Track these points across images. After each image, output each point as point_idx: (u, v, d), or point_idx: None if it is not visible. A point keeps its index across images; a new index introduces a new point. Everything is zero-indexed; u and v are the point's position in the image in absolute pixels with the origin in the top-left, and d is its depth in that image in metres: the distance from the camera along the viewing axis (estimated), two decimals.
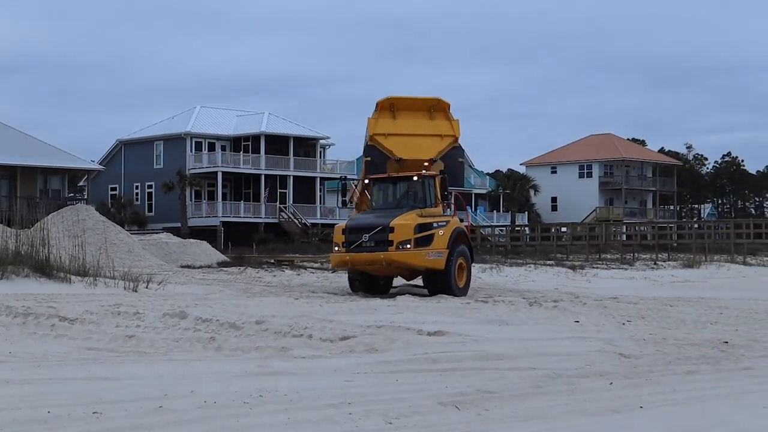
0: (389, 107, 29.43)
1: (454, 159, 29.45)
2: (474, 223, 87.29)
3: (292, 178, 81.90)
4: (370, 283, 28.17)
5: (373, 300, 23.89)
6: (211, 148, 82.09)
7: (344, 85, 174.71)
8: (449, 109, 29.65)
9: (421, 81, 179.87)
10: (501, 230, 78.62)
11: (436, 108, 29.56)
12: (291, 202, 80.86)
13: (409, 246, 25.93)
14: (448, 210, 28.59)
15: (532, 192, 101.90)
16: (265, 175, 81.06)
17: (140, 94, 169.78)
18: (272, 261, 43.46)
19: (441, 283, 26.59)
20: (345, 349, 13.81)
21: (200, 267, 39.00)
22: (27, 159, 66.56)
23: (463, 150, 29.54)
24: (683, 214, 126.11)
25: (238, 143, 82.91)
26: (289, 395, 9.52)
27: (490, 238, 73.07)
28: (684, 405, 10.08)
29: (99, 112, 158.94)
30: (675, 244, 64.62)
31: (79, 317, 16.59)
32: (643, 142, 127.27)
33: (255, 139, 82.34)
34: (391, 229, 26.10)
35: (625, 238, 71.77)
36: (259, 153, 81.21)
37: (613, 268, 44.68)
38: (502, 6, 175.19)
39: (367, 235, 26.38)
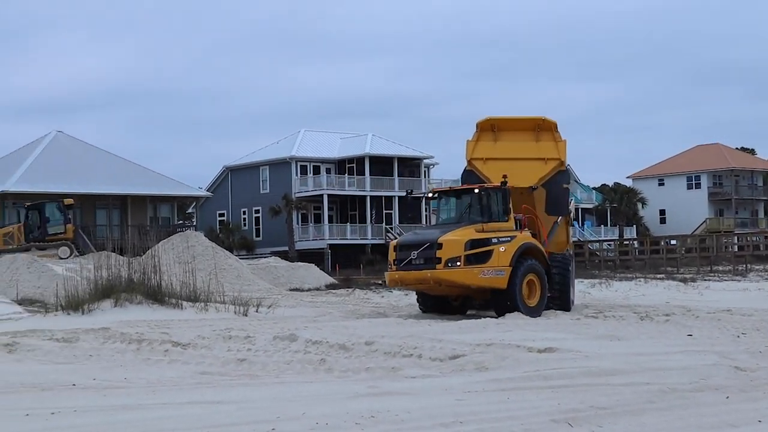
0: (490, 128, 28.06)
1: (558, 185, 27.71)
2: (581, 238, 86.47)
3: (397, 198, 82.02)
4: (442, 304, 26.56)
5: (483, 318, 23.74)
6: (316, 171, 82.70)
7: (446, 104, 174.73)
8: (556, 129, 27.96)
9: (524, 97, 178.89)
10: (609, 245, 77.66)
11: (542, 128, 27.86)
12: (397, 222, 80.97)
13: (459, 263, 24.25)
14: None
15: (639, 205, 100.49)
16: (371, 197, 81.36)
17: (245, 120, 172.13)
18: (380, 282, 43.53)
19: (506, 302, 24.79)
20: (455, 368, 13.76)
21: (309, 290, 39.29)
22: (137, 188, 67.90)
23: (569, 174, 27.73)
24: None
25: (342, 165, 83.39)
26: (401, 415, 9.51)
27: (598, 253, 72.23)
28: None
29: (206, 140, 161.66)
30: None
31: (192, 342, 16.84)
32: (752, 151, 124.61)
33: (359, 160, 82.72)
34: (439, 246, 24.49)
35: (736, 249, 70.27)
36: (363, 174, 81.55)
37: (725, 280, 43.79)
38: (602, 20, 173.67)
39: (416, 252, 24.82)
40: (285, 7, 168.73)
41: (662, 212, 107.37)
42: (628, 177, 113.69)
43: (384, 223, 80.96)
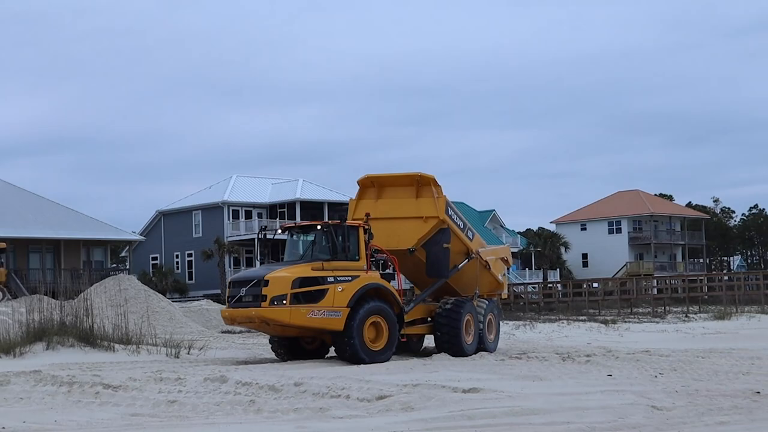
0: (371, 185, 26.11)
1: (438, 245, 25.25)
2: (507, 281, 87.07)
3: None
4: (295, 348, 24.52)
5: (410, 359, 23.76)
6: (248, 215, 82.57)
7: (376, 150, 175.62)
8: (435, 184, 25.45)
9: (452, 144, 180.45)
10: (533, 287, 78.29)
11: (421, 183, 25.41)
12: None
13: (285, 302, 22.35)
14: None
15: (562, 249, 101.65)
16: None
17: (178, 166, 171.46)
18: None
19: (344, 346, 22.86)
20: (382, 408, 13.77)
21: (240, 332, 38.99)
22: (70, 232, 67.23)
23: (450, 233, 25.20)
24: (713, 266, 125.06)
25: (274, 210, 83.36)
26: None
27: (523, 296, 72.75)
28: None
29: (139, 185, 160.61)
30: (706, 297, 64.12)
31: (123, 384, 16.63)
32: (670, 197, 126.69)
33: (290, 205, 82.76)
34: (266, 283, 22.63)
35: (656, 292, 71.21)
36: (294, 218, 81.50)
37: (645, 322, 44.37)
38: (528, 69, 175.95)
39: (244, 289, 23.08)
40: (216, 55, 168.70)
41: (584, 256, 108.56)
42: (551, 222, 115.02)
43: None
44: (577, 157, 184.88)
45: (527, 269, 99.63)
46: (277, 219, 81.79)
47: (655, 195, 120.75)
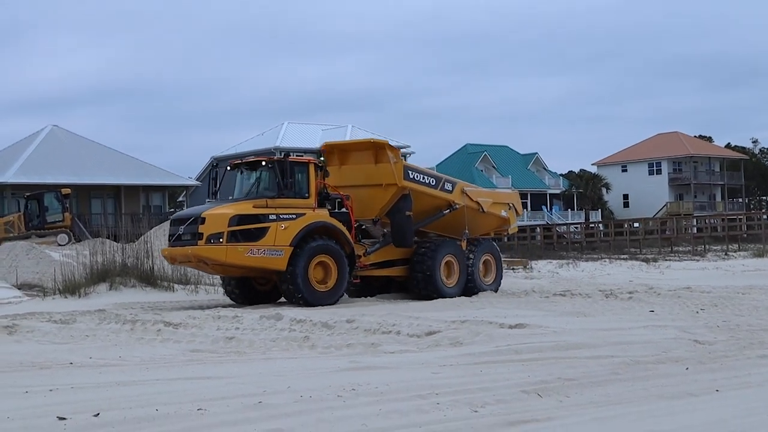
0: (333, 152, 24.68)
1: (401, 212, 23.67)
2: (549, 221, 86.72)
3: None
4: (246, 288, 23.09)
5: (457, 297, 23.74)
6: None
7: (421, 97, 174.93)
8: (390, 148, 23.98)
9: (495, 90, 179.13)
10: (576, 227, 77.91)
11: (377, 149, 23.91)
12: None
13: (221, 240, 20.92)
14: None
15: (604, 190, 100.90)
16: None
17: (232, 114, 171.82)
18: None
19: (288, 285, 21.50)
20: (431, 343, 13.79)
21: None
22: (130, 178, 67.77)
23: (411, 200, 23.56)
24: (752, 206, 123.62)
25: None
26: (380, 388, 9.53)
27: (565, 236, 72.44)
28: (758, 387, 9.88)
29: (195, 132, 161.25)
30: (745, 235, 63.42)
31: (183, 322, 16.82)
32: (709, 139, 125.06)
33: None
34: (202, 220, 21.19)
35: (696, 231, 70.64)
36: None
37: (685, 260, 44.02)
38: (568, 16, 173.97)
39: (182, 227, 21.65)
40: (272, 5, 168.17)
41: (625, 197, 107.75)
42: (593, 164, 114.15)
43: None
44: (617, 101, 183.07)
45: (569, 210, 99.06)
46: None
47: (695, 137, 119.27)
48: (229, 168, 23.07)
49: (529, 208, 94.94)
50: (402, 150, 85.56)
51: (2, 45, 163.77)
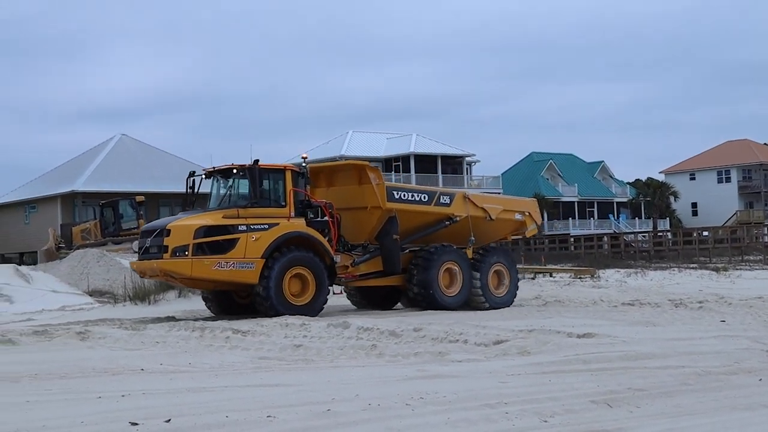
0: (319, 173, 23.61)
1: (388, 236, 22.72)
2: (617, 230, 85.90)
3: None
4: (225, 301, 22.26)
5: (525, 306, 23.62)
6: None
7: (486, 104, 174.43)
8: (371, 170, 22.85)
9: (558, 98, 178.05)
10: (643, 236, 77.06)
11: (360, 171, 22.95)
12: None
13: (186, 253, 19.99)
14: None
15: (672, 198, 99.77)
16: None
17: (296, 122, 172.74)
18: None
19: (260, 300, 20.52)
20: (499, 352, 13.74)
21: None
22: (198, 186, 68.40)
23: (397, 223, 22.61)
24: None
25: (389, 164, 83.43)
26: (448, 397, 9.51)
27: (633, 244, 71.72)
28: None
29: (260, 141, 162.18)
30: None
31: (251, 330, 16.97)
32: None
33: (405, 159, 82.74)
34: (168, 232, 20.33)
35: (767, 240, 69.45)
36: (409, 172, 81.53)
37: (756, 269, 43.29)
38: (634, 22, 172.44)
39: (149, 239, 20.79)
40: (337, 14, 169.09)
41: (694, 205, 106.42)
42: (660, 172, 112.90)
43: None
44: (684, 108, 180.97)
45: (637, 218, 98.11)
46: (393, 173, 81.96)
47: (764, 144, 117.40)
48: (204, 176, 22.19)
49: (596, 217, 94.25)
50: (467, 158, 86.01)
51: (73, 55, 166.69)
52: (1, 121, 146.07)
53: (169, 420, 8.34)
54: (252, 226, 20.47)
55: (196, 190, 22.37)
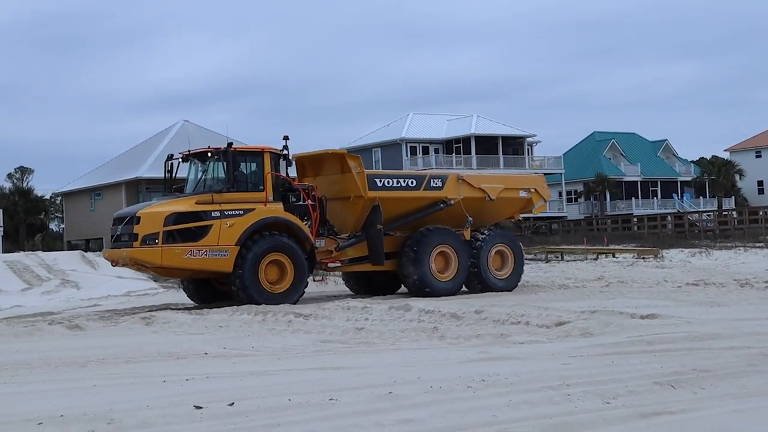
0: (304, 164, 23.02)
1: (373, 227, 22.04)
2: (680, 209, 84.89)
3: None
4: (204, 289, 21.90)
5: (588, 287, 23.45)
6: (425, 151, 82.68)
7: (546, 86, 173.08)
8: (350, 158, 22.20)
9: (623, 76, 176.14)
10: (708, 215, 76.09)
11: (341, 158, 22.28)
12: None
13: (157, 241, 19.42)
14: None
15: (737, 177, 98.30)
16: None
17: (358, 105, 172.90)
18: None
19: (236, 288, 19.93)
20: (561, 334, 13.66)
21: None
22: None
23: (381, 212, 21.94)
24: None
25: (449, 145, 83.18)
26: (510, 379, 9.49)
27: (697, 224, 70.87)
28: None
29: (322, 125, 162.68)
30: None
31: (313, 313, 17.06)
32: None
33: (465, 140, 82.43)
34: (137, 220, 19.71)
35: None
36: (470, 153, 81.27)
37: None
38: (696, 2, 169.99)
39: (120, 227, 20.20)
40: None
41: (760, 183, 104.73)
42: (725, 150, 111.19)
43: None
44: (749, 85, 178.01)
45: (701, 198, 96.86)
46: (453, 154, 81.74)
47: None
48: (181, 160, 21.57)
49: (659, 196, 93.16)
50: (528, 139, 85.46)
51: (136, 43, 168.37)
52: (68, 111, 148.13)
53: (233, 403, 8.42)
54: (226, 212, 19.87)
55: (174, 174, 21.69)
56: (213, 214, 19.74)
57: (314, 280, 22.29)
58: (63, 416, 8.02)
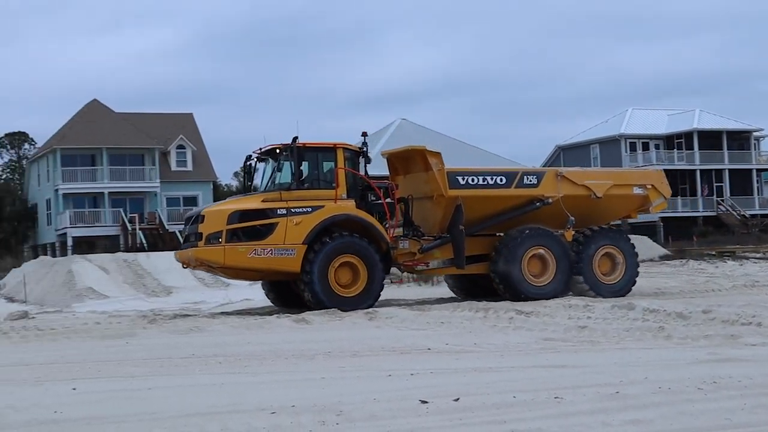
0: (393, 162, 22.23)
1: (455, 227, 20.66)
2: None
3: (727, 171, 78.90)
4: (285, 292, 21.03)
5: None
6: (645, 147, 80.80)
7: None
8: (430, 155, 21.03)
9: None
10: None
11: (422, 158, 21.15)
12: (728, 194, 77.91)
13: (220, 240, 18.85)
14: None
15: None
16: (700, 170, 78.68)
17: (576, 101, 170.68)
18: (713, 253, 42.06)
19: (304, 290, 19.15)
20: None
21: (642, 261, 38.47)
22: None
23: (462, 212, 20.63)
24: None
25: (670, 141, 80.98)
26: (743, 381, 9.13)
27: None
28: None
29: (540, 121, 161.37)
30: None
31: (534, 311, 17.00)
32: None
33: (687, 136, 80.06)
34: (201, 219, 19.21)
35: None
36: (692, 149, 78.94)
37: None
38: None
39: (188, 227, 19.85)
40: None
41: None
42: None
43: (715, 196, 78.13)
44: None
45: None
46: (675, 150, 79.59)
47: None
48: (256, 158, 20.79)
49: None
50: (754, 133, 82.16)
51: (357, 43, 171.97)
52: (287, 112, 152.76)
53: (458, 399, 8.46)
54: (293, 209, 19.12)
55: (253, 174, 21.10)
56: (279, 212, 19.14)
57: (392, 282, 21.15)
58: (294, 407, 8.26)
